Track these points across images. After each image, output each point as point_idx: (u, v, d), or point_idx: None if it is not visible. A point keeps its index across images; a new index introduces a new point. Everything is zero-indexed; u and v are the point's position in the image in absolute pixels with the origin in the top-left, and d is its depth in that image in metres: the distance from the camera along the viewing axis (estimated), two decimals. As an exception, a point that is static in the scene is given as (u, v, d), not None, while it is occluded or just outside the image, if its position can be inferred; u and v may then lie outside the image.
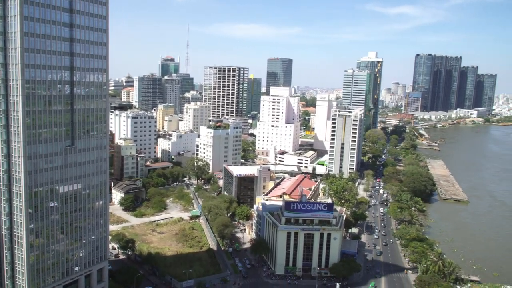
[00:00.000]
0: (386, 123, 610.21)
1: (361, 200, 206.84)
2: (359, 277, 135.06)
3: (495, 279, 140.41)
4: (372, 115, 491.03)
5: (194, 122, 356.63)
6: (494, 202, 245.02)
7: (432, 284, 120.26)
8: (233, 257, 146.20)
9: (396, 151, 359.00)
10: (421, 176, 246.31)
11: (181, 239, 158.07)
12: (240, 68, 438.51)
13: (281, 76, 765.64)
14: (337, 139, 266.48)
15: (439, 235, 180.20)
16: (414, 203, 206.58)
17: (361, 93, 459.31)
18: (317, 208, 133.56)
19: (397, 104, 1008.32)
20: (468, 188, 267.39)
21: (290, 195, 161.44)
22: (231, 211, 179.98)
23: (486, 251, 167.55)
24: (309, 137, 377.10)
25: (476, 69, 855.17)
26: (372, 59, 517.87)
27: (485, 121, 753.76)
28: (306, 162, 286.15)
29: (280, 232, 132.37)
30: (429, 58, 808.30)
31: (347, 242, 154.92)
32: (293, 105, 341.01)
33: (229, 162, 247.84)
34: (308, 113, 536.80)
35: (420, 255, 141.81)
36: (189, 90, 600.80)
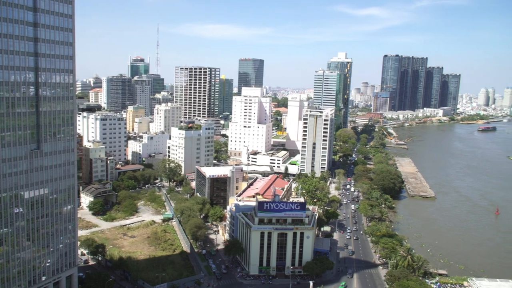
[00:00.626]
0: (356, 122, 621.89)
1: (333, 199, 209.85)
2: (332, 275, 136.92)
3: (461, 272, 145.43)
4: (342, 114, 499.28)
5: (165, 124, 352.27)
6: (459, 198, 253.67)
7: (402, 278, 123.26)
8: (207, 259, 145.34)
9: (366, 150, 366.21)
10: (390, 174, 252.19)
11: (153, 242, 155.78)
12: (211, 68, 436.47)
13: (253, 77, 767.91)
14: (309, 139, 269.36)
15: (408, 231, 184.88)
16: (383, 201, 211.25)
17: (332, 93, 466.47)
18: (290, 208, 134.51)
19: (366, 104, 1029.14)
20: (435, 184, 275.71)
21: (263, 195, 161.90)
22: (204, 212, 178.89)
23: (452, 245, 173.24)
24: (281, 137, 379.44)
25: (441, 69, 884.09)
26: (342, 60, 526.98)
27: (450, 120, 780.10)
28: (279, 162, 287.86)
29: (254, 232, 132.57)
30: (396, 59, 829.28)
31: (320, 241, 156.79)
32: (265, 105, 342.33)
33: (202, 163, 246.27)
34: (280, 113, 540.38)
35: (390, 251, 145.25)
36: (159, 91, 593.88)
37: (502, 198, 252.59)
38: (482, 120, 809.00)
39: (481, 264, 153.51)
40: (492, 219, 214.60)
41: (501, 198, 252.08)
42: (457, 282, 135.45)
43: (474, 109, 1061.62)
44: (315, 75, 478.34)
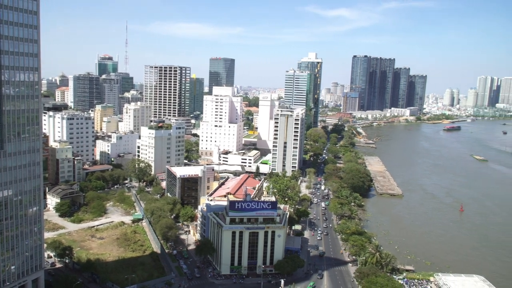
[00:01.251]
0: (326, 122, 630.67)
1: (303, 198, 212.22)
2: (303, 273, 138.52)
3: (428, 268, 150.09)
4: (313, 114, 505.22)
5: (135, 123, 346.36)
6: (425, 195, 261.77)
7: (371, 275, 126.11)
8: (178, 260, 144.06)
9: (336, 149, 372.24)
10: (359, 172, 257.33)
11: (122, 243, 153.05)
12: (182, 67, 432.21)
13: (224, 76, 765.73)
14: (280, 138, 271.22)
15: (376, 228, 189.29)
16: (353, 199, 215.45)
17: (302, 93, 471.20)
18: (261, 207, 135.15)
19: (336, 104, 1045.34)
20: (402, 182, 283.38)
21: (234, 195, 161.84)
22: (175, 212, 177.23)
23: (419, 241, 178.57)
24: (252, 136, 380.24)
25: (408, 70, 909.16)
26: (312, 60, 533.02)
27: (417, 120, 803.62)
28: (250, 161, 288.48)
29: (225, 232, 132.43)
30: (365, 60, 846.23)
31: (291, 239, 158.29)
32: (236, 105, 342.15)
33: (172, 163, 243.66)
34: (251, 112, 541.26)
35: (359, 248, 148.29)
36: (128, 89, 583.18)
37: (466, 196, 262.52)
38: (447, 119, 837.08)
39: (447, 260, 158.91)
40: (456, 216, 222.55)
41: (465, 196, 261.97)
42: (424, 277, 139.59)
43: (440, 109, 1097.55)
44: (286, 75, 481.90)
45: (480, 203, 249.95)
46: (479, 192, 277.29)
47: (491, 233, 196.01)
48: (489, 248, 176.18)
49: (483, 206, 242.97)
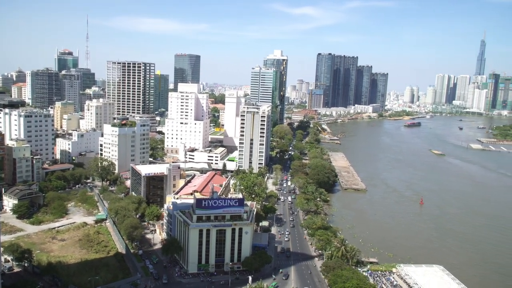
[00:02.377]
0: (292, 118, 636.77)
1: (270, 194, 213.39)
2: (270, 269, 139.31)
3: (390, 259, 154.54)
4: (279, 111, 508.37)
5: (97, 120, 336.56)
6: (387, 189, 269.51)
7: (337, 268, 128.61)
8: (144, 259, 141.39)
9: (302, 146, 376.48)
10: (324, 168, 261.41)
11: (85, 245, 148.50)
12: (146, 63, 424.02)
13: (189, 73, 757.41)
14: (246, 135, 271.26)
15: (341, 223, 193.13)
16: (319, 194, 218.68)
17: (268, 90, 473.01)
18: (229, 204, 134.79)
19: (301, 101, 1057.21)
20: (365, 177, 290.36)
21: (201, 193, 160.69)
22: (140, 212, 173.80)
23: (382, 234, 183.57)
24: (218, 133, 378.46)
25: (370, 68, 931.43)
26: (278, 57, 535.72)
27: (379, 116, 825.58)
28: (217, 158, 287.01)
29: (192, 230, 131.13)
30: (329, 57, 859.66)
31: (258, 235, 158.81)
32: (202, 102, 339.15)
33: (137, 161, 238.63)
34: (217, 109, 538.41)
35: (325, 243, 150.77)
36: (90, 86, 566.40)
37: (426, 189, 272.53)
38: (408, 116, 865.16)
39: (408, 251, 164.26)
40: (417, 208, 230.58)
41: (425, 189, 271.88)
42: (387, 269, 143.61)
43: (401, 106, 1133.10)
44: (252, 72, 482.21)
45: (438, 195, 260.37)
46: (437, 185, 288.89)
47: (448, 224, 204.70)
48: (446, 239, 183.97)
49: (441, 199, 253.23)
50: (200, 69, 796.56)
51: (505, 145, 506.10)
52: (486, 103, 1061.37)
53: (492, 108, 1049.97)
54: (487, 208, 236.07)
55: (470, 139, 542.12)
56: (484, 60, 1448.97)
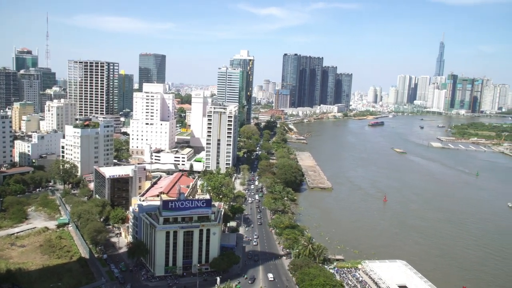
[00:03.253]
0: (259, 118, 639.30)
1: (238, 194, 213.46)
2: (239, 269, 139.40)
3: (356, 256, 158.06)
4: (246, 111, 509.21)
5: (58, 121, 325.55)
6: (352, 187, 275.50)
7: (304, 266, 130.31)
8: (108, 264, 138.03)
9: (269, 145, 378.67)
10: (291, 168, 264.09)
11: (47, 250, 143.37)
12: (109, 63, 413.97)
13: (155, 72, 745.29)
14: (213, 136, 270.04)
15: (308, 221, 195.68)
16: (286, 194, 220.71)
17: (235, 90, 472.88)
18: (196, 205, 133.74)
19: (268, 101, 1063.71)
20: (331, 176, 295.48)
21: (168, 194, 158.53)
22: (105, 215, 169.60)
23: (347, 232, 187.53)
24: (185, 134, 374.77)
25: (335, 68, 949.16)
26: (245, 57, 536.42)
27: (344, 116, 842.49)
28: (183, 159, 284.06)
29: (159, 232, 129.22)
30: (295, 58, 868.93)
31: (226, 236, 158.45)
32: (168, 102, 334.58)
33: (101, 163, 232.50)
34: (184, 110, 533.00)
35: (292, 242, 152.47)
36: (50, 86, 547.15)
37: (388, 186, 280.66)
38: (371, 115, 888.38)
39: (373, 248, 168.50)
40: (381, 205, 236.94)
41: (388, 186, 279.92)
42: (352, 265, 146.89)
43: (365, 105, 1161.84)
44: (218, 72, 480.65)
45: (400, 192, 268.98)
46: (399, 182, 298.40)
47: (410, 220, 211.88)
48: (408, 234, 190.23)
49: (403, 195, 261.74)
50: (165, 69, 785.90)
51: (463, 143, 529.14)
52: (445, 102, 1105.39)
53: (451, 107, 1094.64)
54: (446, 204, 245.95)
55: (430, 137, 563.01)
56: (443, 61, 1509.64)
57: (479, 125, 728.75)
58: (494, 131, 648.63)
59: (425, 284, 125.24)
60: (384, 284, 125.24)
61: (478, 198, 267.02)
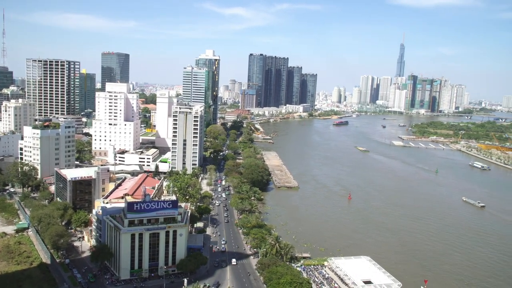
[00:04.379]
0: (226, 118, 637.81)
1: (205, 195, 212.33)
2: (206, 270, 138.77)
3: (322, 253, 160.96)
4: (212, 111, 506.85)
5: (16, 122, 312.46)
6: (318, 186, 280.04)
7: (271, 265, 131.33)
8: (71, 269, 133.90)
9: (236, 145, 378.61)
10: (258, 167, 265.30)
11: (5, 256, 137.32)
12: (70, 62, 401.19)
13: (118, 72, 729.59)
14: (179, 136, 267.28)
15: (275, 220, 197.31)
16: (253, 193, 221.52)
17: (201, 90, 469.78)
18: (162, 206, 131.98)
19: (234, 101, 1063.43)
20: (297, 175, 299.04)
21: (132, 196, 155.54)
22: (66, 218, 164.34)
23: (313, 230, 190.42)
24: (150, 134, 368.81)
25: (300, 69, 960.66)
26: (210, 57, 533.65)
27: (309, 116, 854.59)
28: (149, 160, 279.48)
29: (124, 235, 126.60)
30: (261, 58, 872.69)
31: (193, 237, 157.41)
32: (132, 102, 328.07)
33: (62, 165, 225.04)
34: (149, 110, 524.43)
35: (260, 241, 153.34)
36: (7, 85, 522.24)
37: (352, 183, 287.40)
38: (336, 115, 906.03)
39: (338, 245, 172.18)
40: (345, 203, 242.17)
41: (351, 184, 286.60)
42: (319, 263, 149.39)
43: (329, 105, 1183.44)
44: (184, 72, 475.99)
45: (363, 189, 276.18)
46: (362, 179, 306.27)
47: (373, 216, 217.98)
48: (372, 230, 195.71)
49: (366, 192, 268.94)
50: (129, 68, 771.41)
51: (423, 141, 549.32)
52: (406, 102, 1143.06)
53: (411, 107, 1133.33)
54: (407, 200, 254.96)
55: (392, 136, 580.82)
56: (404, 63, 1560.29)
57: (438, 124, 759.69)
58: (452, 129, 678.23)
59: (388, 278, 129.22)
60: (350, 280, 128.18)
61: (437, 194, 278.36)
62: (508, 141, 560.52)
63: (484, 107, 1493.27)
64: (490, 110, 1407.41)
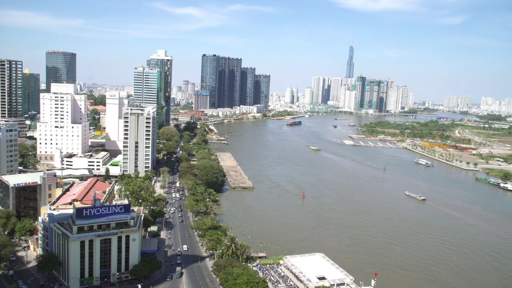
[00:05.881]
0: (179, 120, 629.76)
1: (158, 198, 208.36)
2: (161, 274, 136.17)
3: (278, 252, 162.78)
4: (164, 112, 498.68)
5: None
6: (272, 185, 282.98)
7: (227, 266, 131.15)
8: (15, 280, 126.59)
9: (190, 147, 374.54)
10: (213, 168, 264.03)
11: None
12: (11, 61, 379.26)
13: (64, 72, 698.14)
14: (131, 138, 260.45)
15: (231, 221, 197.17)
16: (208, 195, 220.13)
17: (153, 91, 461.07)
18: (113, 211, 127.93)
19: (188, 102, 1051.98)
20: (252, 175, 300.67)
21: (81, 201, 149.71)
22: (9, 227, 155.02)
23: (268, 229, 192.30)
24: (100, 137, 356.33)
25: (254, 70, 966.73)
26: (162, 57, 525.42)
27: (263, 116, 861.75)
28: (98, 164, 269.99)
29: (73, 242, 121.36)
30: (214, 59, 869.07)
31: (147, 241, 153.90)
32: (79, 103, 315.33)
33: (3, 171, 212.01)
34: (98, 111, 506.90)
35: (215, 242, 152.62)
36: None
37: (305, 182, 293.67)
38: (289, 116, 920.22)
39: (293, 243, 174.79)
40: (299, 201, 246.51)
41: (304, 182, 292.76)
42: (274, 261, 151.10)
43: (283, 106, 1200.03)
44: (135, 72, 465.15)
45: (315, 187, 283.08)
46: (315, 178, 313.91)
47: (325, 213, 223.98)
48: (324, 227, 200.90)
49: (318, 190, 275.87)
50: (76, 68, 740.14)
51: (371, 140, 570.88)
52: (356, 103, 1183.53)
53: (361, 107, 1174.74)
54: (356, 196, 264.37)
55: (343, 136, 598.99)
56: (353, 64, 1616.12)
57: (385, 124, 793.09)
58: (398, 128, 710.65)
59: (341, 273, 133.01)
60: (305, 277, 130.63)
61: (384, 190, 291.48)
62: (449, 139, 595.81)
63: (428, 107, 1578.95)
64: (433, 110, 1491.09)
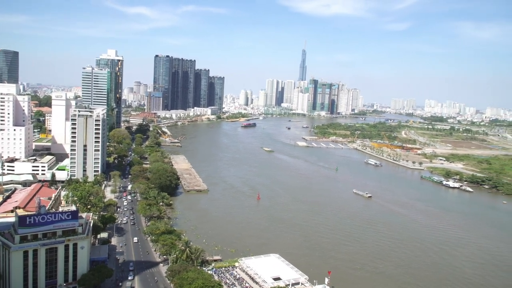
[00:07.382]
0: (131, 122, 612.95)
1: (109, 203, 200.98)
2: (112, 282, 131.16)
3: (233, 255, 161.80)
4: (115, 114, 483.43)
5: None
6: (226, 187, 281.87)
7: (182, 271, 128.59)
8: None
9: (142, 150, 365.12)
10: (166, 172, 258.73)
11: None
12: None
13: (5, 71, 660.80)
14: (79, 141, 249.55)
15: (185, 225, 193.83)
16: (161, 199, 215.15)
17: (103, 92, 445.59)
18: (60, 218, 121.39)
19: (140, 103, 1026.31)
20: (206, 177, 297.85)
21: (25, 209, 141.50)
22: None
23: (223, 232, 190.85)
24: (45, 140, 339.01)
25: (208, 71, 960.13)
26: (113, 57, 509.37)
27: (217, 118, 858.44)
28: (43, 168, 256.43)
29: (15, 253, 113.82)
30: (167, 60, 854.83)
31: (97, 249, 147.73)
32: (22, 104, 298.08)
33: None
34: (43, 113, 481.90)
35: (169, 247, 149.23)
36: None
37: (259, 183, 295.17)
38: (243, 118, 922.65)
39: (248, 245, 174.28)
40: (254, 202, 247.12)
41: (258, 183, 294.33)
42: (230, 264, 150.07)
43: (237, 108, 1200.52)
44: (83, 72, 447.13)
45: (269, 188, 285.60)
46: (268, 179, 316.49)
47: (279, 214, 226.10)
48: (279, 227, 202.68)
49: (271, 191, 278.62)
50: (19, 68, 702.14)
51: (324, 141, 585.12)
52: (308, 105, 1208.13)
53: (313, 109, 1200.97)
54: (308, 196, 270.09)
55: (296, 137, 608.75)
56: (306, 67, 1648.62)
57: (336, 125, 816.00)
58: (349, 130, 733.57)
59: (296, 273, 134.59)
60: (260, 278, 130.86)
61: (335, 189, 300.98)
62: (396, 139, 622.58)
63: (376, 109, 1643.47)
64: (381, 112, 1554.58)
